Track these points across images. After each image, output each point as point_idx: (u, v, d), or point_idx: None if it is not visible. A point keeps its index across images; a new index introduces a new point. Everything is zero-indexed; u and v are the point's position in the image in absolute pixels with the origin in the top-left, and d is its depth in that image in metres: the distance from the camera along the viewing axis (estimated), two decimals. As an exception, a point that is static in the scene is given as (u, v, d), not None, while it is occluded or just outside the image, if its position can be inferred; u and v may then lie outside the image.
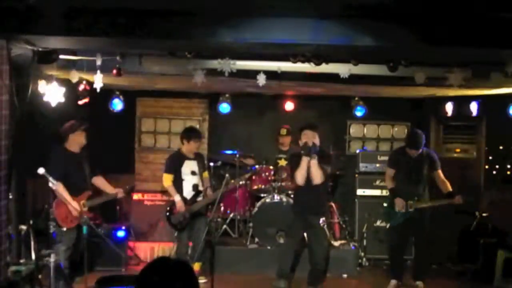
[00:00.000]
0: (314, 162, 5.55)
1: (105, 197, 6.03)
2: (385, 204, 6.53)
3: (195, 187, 6.42)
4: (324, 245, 6.06)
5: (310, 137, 5.64)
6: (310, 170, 5.59)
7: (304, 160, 5.58)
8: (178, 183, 6.45)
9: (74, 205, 5.52)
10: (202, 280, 5.97)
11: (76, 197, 5.58)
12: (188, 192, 6.44)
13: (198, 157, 6.60)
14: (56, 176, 5.11)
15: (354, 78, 5.67)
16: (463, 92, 6.84)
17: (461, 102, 7.65)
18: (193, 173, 6.47)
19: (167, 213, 6.47)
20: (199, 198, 6.46)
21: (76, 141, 5.72)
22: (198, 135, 6.61)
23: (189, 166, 6.48)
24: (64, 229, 5.46)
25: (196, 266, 6.34)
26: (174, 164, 6.48)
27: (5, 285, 4.58)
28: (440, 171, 6.29)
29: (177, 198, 6.37)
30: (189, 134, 6.52)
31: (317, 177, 5.60)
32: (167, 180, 6.45)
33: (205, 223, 6.42)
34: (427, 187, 6.28)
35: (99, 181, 6.09)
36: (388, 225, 6.39)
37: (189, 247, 6.60)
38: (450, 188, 6.21)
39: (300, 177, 5.63)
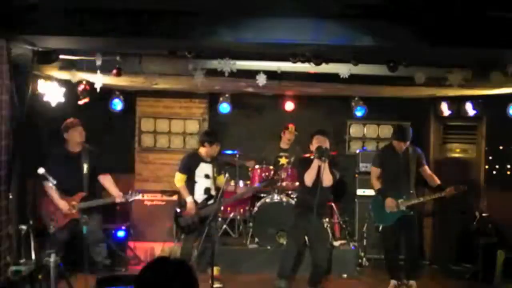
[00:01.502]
0: (326, 166, 5.60)
1: (101, 201, 5.90)
2: (370, 207, 6.57)
3: (207, 190, 6.29)
4: (327, 246, 6.08)
5: (322, 142, 5.71)
6: (321, 173, 5.63)
7: (316, 162, 5.63)
8: (190, 185, 6.28)
9: (62, 204, 5.49)
10: (216, 285, 5.87)
11: (68, 197, 5.55)
12: (199, 195, 6.28)
13: (214, 160, 6.42)
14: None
15: (354, 78, 5.66)
16: (463, 92, 6.83)
17: (461, 102, 7.63)
18: (206, 176, 6.31)
19: (176, 215, 6.30)
20: (210, 202, 6.30)
21: (73, 139, 5.74)
22: (219, 139, 6.42)
23: (204, 169, 6.31)
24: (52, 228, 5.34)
25: (216, 271, 5.96)
26: (190, 165, 6.31)
27: (5, 285, 4.58)
28: (426, 166, 6.36)
29: (188, 199, 6.21)
30: (212, 137, 6.33)
31: (327, 180, 5.67)
32: (180, 179, 6.28)
33: (215, 228, 6.28)
34: (414, 183, 6.29)
35: (106, 181, 6.00)
36: (380, 227, 6.38)
37: (195, 250, 6.54)
38: (438, 182, 6.24)
39: (309, 178, 5.67)
